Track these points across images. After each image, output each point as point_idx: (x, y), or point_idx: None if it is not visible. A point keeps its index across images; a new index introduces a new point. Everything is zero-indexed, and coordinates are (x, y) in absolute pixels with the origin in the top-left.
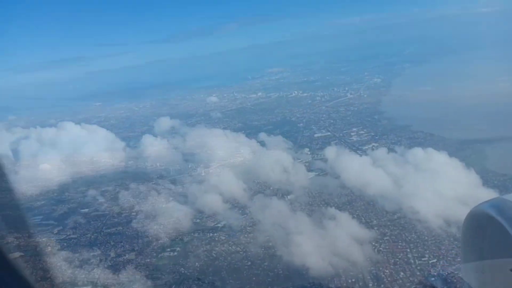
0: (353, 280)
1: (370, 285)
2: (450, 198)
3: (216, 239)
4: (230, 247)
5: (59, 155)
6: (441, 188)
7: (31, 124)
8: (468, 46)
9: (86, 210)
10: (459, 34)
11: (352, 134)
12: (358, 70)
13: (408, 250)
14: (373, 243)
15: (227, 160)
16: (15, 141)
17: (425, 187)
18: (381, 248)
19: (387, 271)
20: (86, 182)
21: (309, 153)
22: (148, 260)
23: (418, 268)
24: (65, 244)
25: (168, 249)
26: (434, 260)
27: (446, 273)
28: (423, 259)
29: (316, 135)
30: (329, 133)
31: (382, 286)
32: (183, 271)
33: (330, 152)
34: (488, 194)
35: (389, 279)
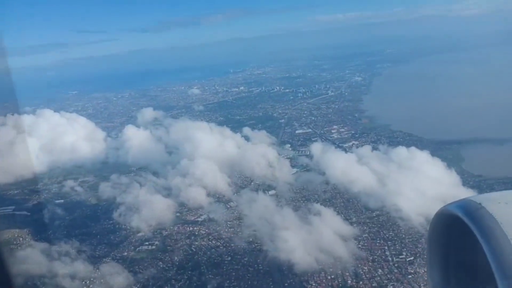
0: (332, 276)
1: (349, 281)
2: (429, 197)
3: (196, 233)
4: (210, 242)
5: (37, 143)
6: (422, 187)
7: (6, 111)
8: (449, 47)
9: (62, 201)
10: (440, 35)
11: (333, 131)
12: (340, 68)
13: (386, 247)
14: (353, 240)
15: (210, 153)
16: None
17: (405, 185)
18: (360, 245)
19: (365, 268)
20: (63, 172)
21: (290, 149)
22: (125, 253)
23: (396, 265)
24: (38, 236)
25: (147, 243)
26: (411, 258)
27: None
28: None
29: (297, 132)
30: (310, 130)
31: (361, 282)
32: (161, 265)
33: (312, 148)
34: (467, 194)
35: (367, 275)
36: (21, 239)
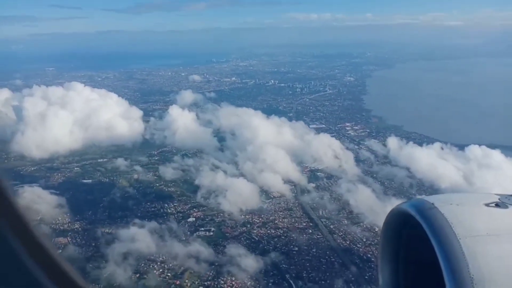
0: None
1: None
2: None
3: (255, 221)
4: (272, 231)
5: (69, 117)
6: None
7: None
8: (426, 55)
9: (90, 181)
10: (414, 42)
11: (347, 128)
12: (327, 67)
13: None
14: None
15: (271, 140)
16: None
17: (492, 184)
18: None
19: None
20: (99, 149)
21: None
22: (184, 238)
23: None
24: (84, 218)
25: (202, 228)
26: None
27: None
28: None
29: (311, 126)
30: (323, 125)
31: None
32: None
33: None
34: None
35: None
36: (59, 219)
